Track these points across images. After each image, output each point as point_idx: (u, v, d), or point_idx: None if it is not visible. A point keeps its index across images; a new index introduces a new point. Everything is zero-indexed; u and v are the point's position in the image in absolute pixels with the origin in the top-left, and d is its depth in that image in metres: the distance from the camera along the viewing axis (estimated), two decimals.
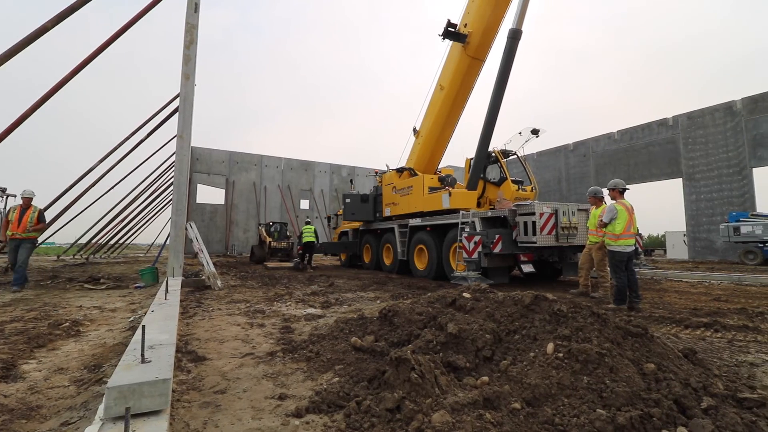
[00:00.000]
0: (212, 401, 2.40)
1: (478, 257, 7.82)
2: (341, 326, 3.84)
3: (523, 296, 3.11)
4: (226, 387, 2.63)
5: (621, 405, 2.03)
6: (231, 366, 3.08)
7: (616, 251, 5.68)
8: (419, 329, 3.15)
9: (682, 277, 10.15)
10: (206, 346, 3.68)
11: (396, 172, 12.41)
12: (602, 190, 6.97)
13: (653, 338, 2.62)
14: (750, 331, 4.11)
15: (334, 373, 2.83)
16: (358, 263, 14.73)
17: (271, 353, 3.40)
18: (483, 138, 9.88)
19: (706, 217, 21.15)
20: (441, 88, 11.05)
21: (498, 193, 10.67)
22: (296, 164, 31.84)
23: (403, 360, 2.26)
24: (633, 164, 24.89)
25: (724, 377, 2.60)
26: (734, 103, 20.64)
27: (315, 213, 31.43)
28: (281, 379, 2.79)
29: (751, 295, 6.96)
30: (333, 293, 7.40)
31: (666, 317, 4.83)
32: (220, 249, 27.71)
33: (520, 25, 9.30)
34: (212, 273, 8.17)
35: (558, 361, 2.32)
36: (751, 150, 19.82)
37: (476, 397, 2.08)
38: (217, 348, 3.61)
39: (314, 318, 4.97)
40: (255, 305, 5.99)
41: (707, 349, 3.46)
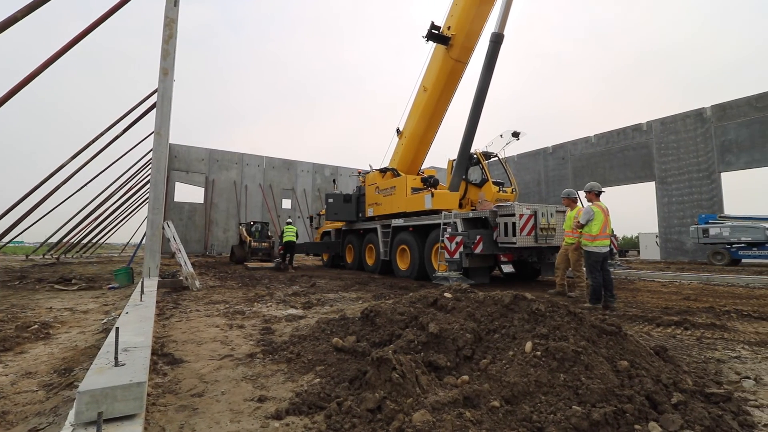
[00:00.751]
0: (189, 404, 2.35)
1: (459, 257, 7.90)
2: (323, 327, 3.82)
3: (502, 296, 3.16)
4: (203, 390, 2.58)
5: (596, 401, 2.09)
6: (209, 368, 3.01)
7: (592, 252, 5.83)
8: (401, 329, 3.16)
9: (654, 277, 10.52)
10: (183, 348, 3.60)
11: (379, 172, 12.42)
12: (576, 192, 7.14)
13: (627, 336, 2.70)
14: (717, 329, 4.29)
15: (315, 374, 2.81)
16: (340, 263, 14.67)
17: (250, 355, 3.34)
18: (465, 140, 10.00)
19: (677, 219, 21.98)
20: (424, 90, 11.12)
21: (479, 195, 10.81)
22: (278, 163, 31.48)
23: (385, 360, 2.27)
24: (609, 167, 25.64)
25: (693, 373, 2.71)
26: (704, 110, 21.53)
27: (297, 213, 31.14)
28: (261, 380, 2.75)
29: (718, 294, 7.27)
30: (315, 294, 7.35)
31: (639, 316, 5.00)
32: (199, 249, 27.13)
33: (502, 29, 9.46)
34: (190, 273, 7.98)
35: (536, 359, 2.37)
36: (720, 155, 20.72)
37: (456, 396, 2.10)
38: (194, 350, 3.53)
39: (295, 319, 4.92)
40: (234, 306, 5.89)
41: (677, 347, 3.59)
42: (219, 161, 28.89)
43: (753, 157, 19.74)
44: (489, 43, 9.53)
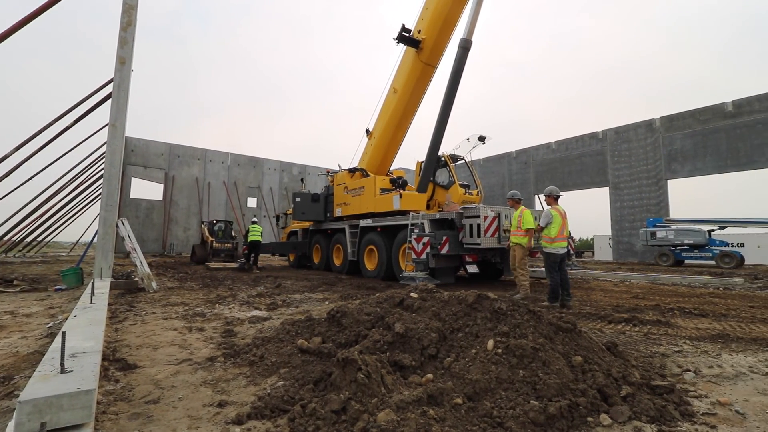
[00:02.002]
0: (143, 412, 2.23)
1: (426, 258, 8.01)
2: (288, 328, 3.75)
3: (467, 296, 3.23)
4: (159, 396, 2.46)
5: (552, 396, 2.18)
6: (165, 373, 2.88)
7: (550, 253, 6.09)
8: (367, 329, 3.16)
9: (607, 276, 11.14)
10: (138, 353, 3.42)
11: (348, 172, 12.36)
12: (519, 194, 7.38)
13: (581, 333, 2.85)
14: (662, 326, 4.61)
15: (278, 377, 2.76)
16: (307, 264, 14.47)
17: (210, 359, 3.23)
18: (433, 142, 10.16)
19: (628, 222, 23.41)
20: (394, 91, 11.20)
21: (446, 196, 11.01)
22: (244, 160, 30.60)
23: (350, 361, 2.26)
24: (567, 172, 26.91)
25: (640, 367, 2.89)
26: (654, 121, 23.06)
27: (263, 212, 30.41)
28: (221, 385, 2.66)
29: (664, 293, 7.81)
30: (280, 294, 7.20)
31: (592, 314, 5.28)
32: (157, 248, 25.86)
33: (470, 35, 9.69)
34: (146, 274, 7.60)
35: (497, 356, 2.45)
36: (667, 164, 22.27)
37: (421, 395, 2.13)
38: (150, 355, 3.37)
39: (259, 320, 4.80)
40: (194, 308, 5.67)
41: (627, 342, 3.83)
42: (180, 157, 27.69)
43: (696, 165, 21.37)
44: (458, 48, 9.74)
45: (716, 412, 2.26)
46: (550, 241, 6.10)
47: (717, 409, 2.30)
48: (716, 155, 20.66)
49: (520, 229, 6.77)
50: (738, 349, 3.57)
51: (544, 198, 6.58)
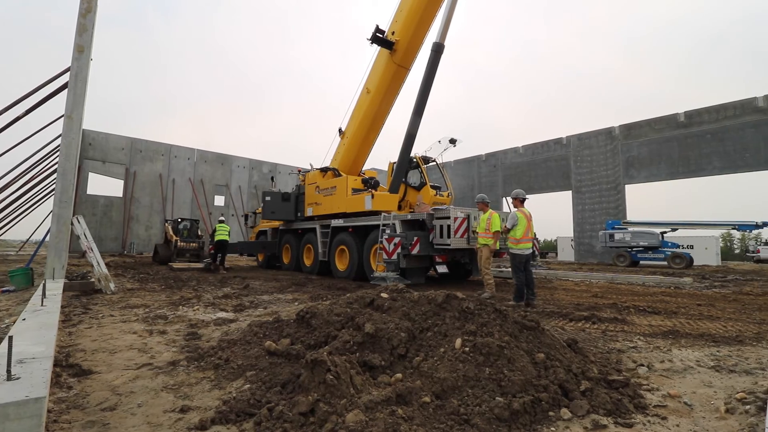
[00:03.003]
0: (99, 420, 2.12)
1: (397, 258, 8.07)
2: (255, 330, 3.66)
3: (436, 295, 3.28)
4: (116, 403, 2.35)
5: (516, 392, 2.25)
6: (124, 379, 2.75)
7: (516, 254, 6.29)
8: (337, 330, 3.14)
9: (569, 276, 11.62)
10: (93, 357, 3.24)
11: (320, 171, 12.24)
12: (487, 197, 7.56)
13: (544, 331, 2.96)
14: (619, 323, 4.86)
15: (245, 380, 2.69)
16: (276, 264, 14.20)
17: (173, 362, 3.11)
18: (405, 144, 10.23)
19: (589, 225, 24.53)
20: (367, 92, 11.19)
21: (418, 197, 11.13)
22: (211, 157, 29.63)
23: (319, 362, 2.24)
24: (534, 176, 27.87)
25: (598, 363, 3.04)
26: (614, 129, 24.29)
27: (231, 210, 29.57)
28: (184, 390, 2.57)
29: (620, 292, 8.23)
30: (248, 296, 7.03)
31: (555, 312, 5.49)
32: (116, 248, 24.60)
33: (443, 39, 9.84)
34: (104, 275, 7.21)
35: (465, 354, 2.50)
36: (625, 170, 23.52)
37: (389, 394, 2.14)
38: (106, 359, 3.20)
39: (225, 322, 4.67)
40: (156, 310, 5.44)
41: (586, 339, 4.01)
42: (142, 152, 26.46)
43: (651, 172, 22.69)
44: (430, 52, 9.87)
45: (667, 404, 2.41)
46: (515, 242, 6.30)
47: (667, 401, 2.45)
48: (669, 162, 22.03)
49: (488, 231, 6.94)
50: (687, 345, 3.82)
51: (511, 201, 6.78)
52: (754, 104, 19.66)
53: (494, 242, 6.95)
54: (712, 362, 3.24)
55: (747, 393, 2.48)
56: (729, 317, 5.28)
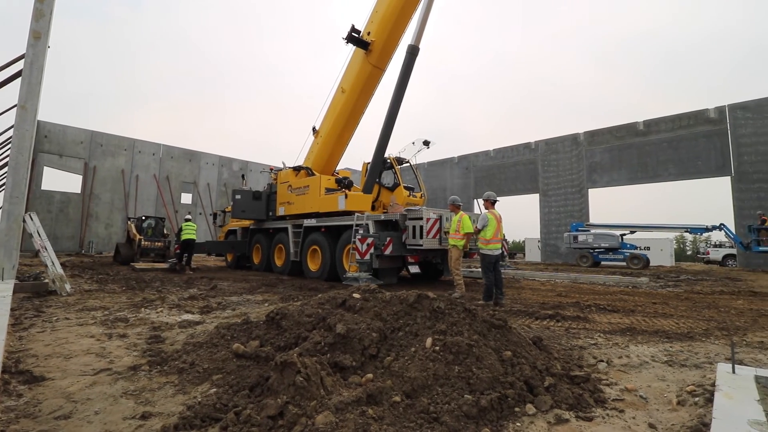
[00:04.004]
0: (52, 429, 2.00)
1: (370, 258, 8.07)
2: (222, 332, 3.56)
3: (408, 295, 3.31)
4: (71, 410, 2.22)
5: (484, 389, 2.31)
6: (80, 385, 2.61)
7: (486, 254, 6.44)
8: (308, 331, 3.11)
9: (536, 276, 12.01)
10: (46, 363, 3.05)
11: (293, 170, 12.06)
12: (459, 200, 7.71)
13: (511, 329, 3.04)
14: (581, 321, 5.07)
15: (211, 384, 2.62)
16: (246, 264, 13.86)
17: (133, 367, 2.98)
18: (380, 144, 10.26)
19: (555, 227, 25.46)
20: (342, 91, 11.13)
21: (391, 198, 11.17)
22: (178, 153, 28.57)
23: (289, 364, 2.21)
24: (504, 179, 28.63)
25: (561, 359, 3.16)
26: (578, 135, 25.33)
27: (199, 209, 28.63)
28: (145, 395, 2.47)
29: (583, 291, 8.59)
30: (215, 297, 6.83)
31: (522, 311, 5.66)
32: (73, 247, 23.26)
33: (418, 42, 9.93)
34: (59, 275, 6.81)
35: (435, 353, 2.54)
36: (588, 174, 24.57)
37: (360, 395, 2.14)
38: (61, 365, 3.02)
39: (191, 325, 4.52)
40: (116, 313, 5.19)
41: (551, 337, 4.15)
42: (103, 146, 25.16)
43: (612, 177, 23.82)
44: (405, 54, 9.94)
45: (624, 397, 2.54)
46: (485, 242, 6.45)
47: (625, 395, 2.58)
48: (629, 168, 23.21)
49: (459, 232, 7.07)
50: (643, 341, 4.04)
51: (482, 202, 6.94)
52: (705, 115, 21.04)
53: (465, 243, 7.08)
54: (666, 357, 3.44)
55: (696, 386, 2.65)
56: (681, 315, 5.62)
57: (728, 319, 5.23)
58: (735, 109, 20.08)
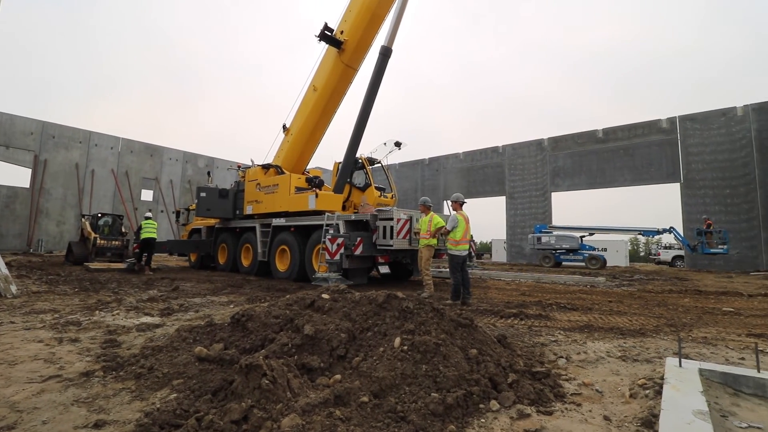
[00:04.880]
0: None
1: (339, 259, 8.02)
2: (184, 335, 3.43)
3: (377, 296, 3.32)
4: (16, 420, 2.07)
5: (450, 387, 2.35)
6: (26, 393, 2.43)
7: (454, 255, 6.56)
8: (275, 333, 3.05)
9: (501, 276, 12.37)
10: None
11: (262, 168, 11.79)
12: (429, 201, 7.83)
13: (477, 328, 3.12)
14: (543, 319, 5.27)
15: (171, 389, 2.51)
16: (211, 265, 13.41)
17: (86, 373, 2.81)
18: (351, 144, 10.22)
19: (520, 228, 26.33)
20: (314, 89, 11.00)
21: (362, 198, 11.16)
22: (139, 147, 27.25)
23: (255, 366, 2.16)
24: (473, 181, 29.30)
25: (524, 356, 3.27)
26: (543, 141, 26.32)
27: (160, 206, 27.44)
28: (99, 403, 2.33)
29: (545, 290, 8.93)
30: (177, 298, 6.56)
31: (488, 310, 5.81)
32: (20, 245, 21.65)
33: (390, 44, 9.98)
34: (3, 276, 6.32)
35: (403, 353, 2.56)
36: (551, 178, 25.58)
37: (327, 396, 2.12)
38: (5, 372, 2.81)
39: (150, 328, 4.32)
40: (67, 316, 4.88)
41: (514, 334, 4.29)
42: (56, 138, 23.59)
43: (573, 181, 24.93)
44: (378, 55, 9.96)
45: (581, 392, 2.66)
46: (455, 243, 6.57)
47: (582, 390, 2.70)
48: (589, 174, 24.38)
49: (429, 232, 7.16)
50: (599, 338, 4.25)
51: (450, 204, 7.06)
52: (658, 125, 22.43)
53: (435, 239, 7.17)
54: (620, 353, 3.63)
55: (647, 379, 2.82)
56: (634, 312, 5.96)
57: (676, 317, 5.60)
58: (685, 120, 21.56)
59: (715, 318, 5.56)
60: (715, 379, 2.71)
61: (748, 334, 4.46)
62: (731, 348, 3.85)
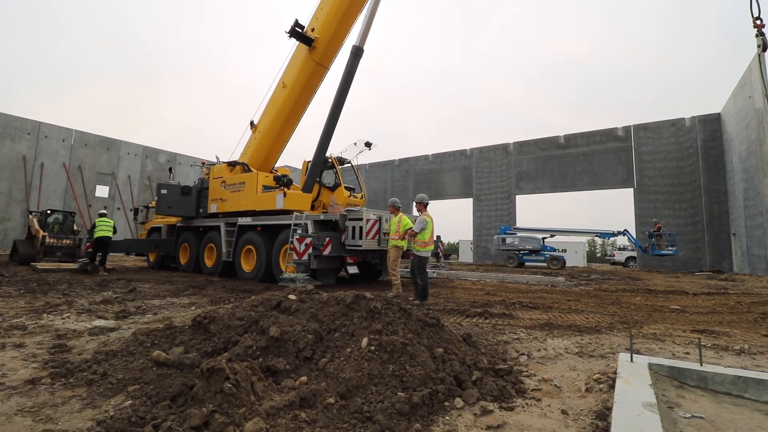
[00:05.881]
0: None
1: (308, 259, 7.92)
2: (141, 339, 3.27)
3: (345, 296, 3.30)
4: None
5: (417, 386, 2.38)
6: None
7: (422, 256, 6.65)
8: (239, 335, 2.97)
9: (468, 276, 12.65)
10: None
11: (227, 165, 11.44)
12: (399, 201, 7.91)
13: (443, 327, 3.17)
14: (506, 318, 5.44)
15: (126, 396, 2.39)
16: (171, 265, 12.86)
17: (32, 381, 2.62)
18: (321, 143, 10.12)
19: (486, 230, 27.05)
20: (284, 86, 10.80)
21: (331, 198, 11.08)
22: (94, 140, 25.70)
23: (217, 370, 2.09)
24: (441, 183, 29.80)
25: (488, 354, 3.36)
26: (508, 145, 27.17)
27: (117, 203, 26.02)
28: (46, 412, 2.18)
29: (509, 290, 9.22)
30: (134, 300, 6.25)
31: (454, 309, 5.93)
32: None
33: (362, 44, 9.96)
34: None
35: (370, 353, 2.56)
36: (516, 182, 26.45)
37: (293, 399, 2.09)
38: None
39: (104, 332, 4.09)
40: (11, 320, 4.53)
41: (479, 333, 4.40)
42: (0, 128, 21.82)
43: (537, 185, 25.90)
44: (350, 54, 9.92)
45: (541, 387, 2.77)
46: (423, 244, 6.65)
47: (542, 385, 2.81)
48: (551, 178, 25.42)
49: (398, 233, 7.21)
50: (558, 335, 4.44)
51: (415, 205, 7.15)
52: (615, 133, 23.72)
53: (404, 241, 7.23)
54: (577, 349, 3.81)
55: (601, 374, 2.97)
56: (591, 310, 6.27)
57: (628, 314, 5.94)
58: (639, 129, 22.93)
59: (664, 315, 5.95)
60: (663, 372, 2.90)
61: (693, 330, 4.80)
62: (677, 343, 4.13)
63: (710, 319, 5.69)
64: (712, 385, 2.73)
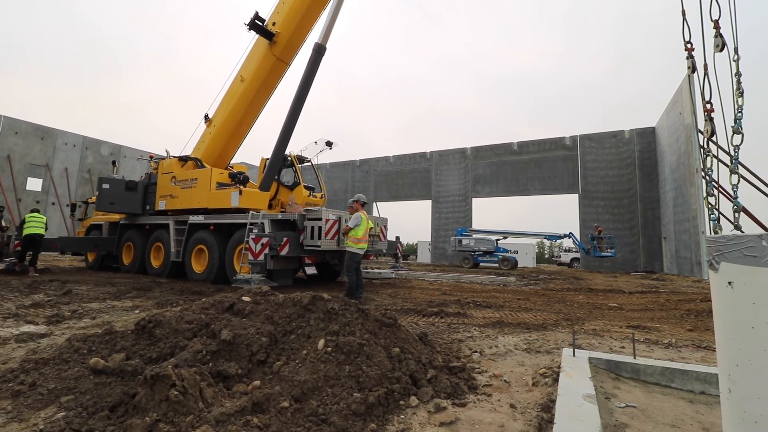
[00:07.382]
0: None
1: (264, 259, 7.70)
2: (77, 345, 3.02)
3: (302, 297, 3.25)
4: None
5: (373, 386, 2.39)
6: None
7: (354, 252, 6.69)
8: (187, 340, 2.83)
9: (425, 277, 12.89)
10: None
11: (178, 160, 10.84)
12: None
13: (400, 327, 3.21)
14: (461, 317, 5.60)
15: (58, 407, 2.20)
16: (113, 265, 11.99)
17: None
18: (281, 140, 9.87)
19: (444, 231, 27.73)
20: (242, 80, 10.42)
21: (290, 197, 10.84)
22: (26, 128, 23.40)
23: (162, 377, 1.98)
24: (401, 185, 30.16)
25: (442, 352, 3.44)
26: (466, 150, 28.03)
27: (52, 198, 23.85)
28: None
29: (464, 290, 9.50)
30: (69, 303, 5.76)
31: (411, 309, 6.02)
32: None
33: (325, 41, 9.84)
34: None
35: (326, 355, 2.54)
36: (472, 185, 27.35)
37: (245, 404, 2.03)
38: None
39: (33, 338, 3.74)
40: None
41: (435, 332, 4.50)
42: None
43: (492, 189, 26.93)
44: (312, 51, 9.77)
45: (492, 383, 2.88)
46: (356, 241, 6.69)
47: (493, 381, 2.93)
48: (505, 182, 26.56)
49: None
50: (508, 332, 4.64)
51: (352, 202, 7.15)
52: (563, 142, 25.21)
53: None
54: (525, 345, 4.00)
55: (547, 369, 3.14)
56: (538, 309, 6.61)
57: (572, 312, 6.33)
58: (584, 138, 24.53)
59: (603, 312, 6.40)
60: (601, 366, 3.12)
61: (628, 326, 5.21)
62: (614, 338, 4.46)
63: (643, 315, 6.19)
64: (644, 377, 2.98)
